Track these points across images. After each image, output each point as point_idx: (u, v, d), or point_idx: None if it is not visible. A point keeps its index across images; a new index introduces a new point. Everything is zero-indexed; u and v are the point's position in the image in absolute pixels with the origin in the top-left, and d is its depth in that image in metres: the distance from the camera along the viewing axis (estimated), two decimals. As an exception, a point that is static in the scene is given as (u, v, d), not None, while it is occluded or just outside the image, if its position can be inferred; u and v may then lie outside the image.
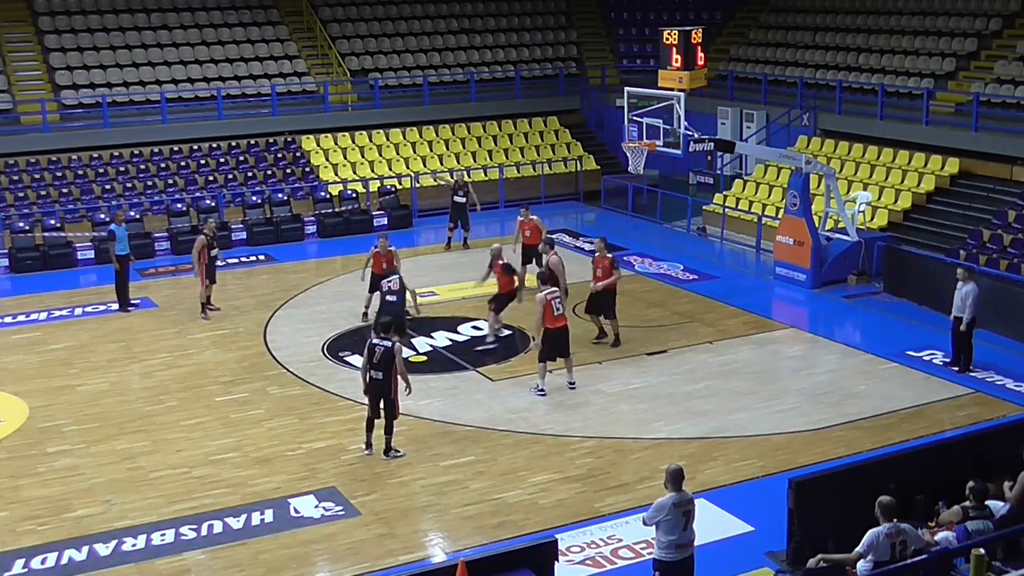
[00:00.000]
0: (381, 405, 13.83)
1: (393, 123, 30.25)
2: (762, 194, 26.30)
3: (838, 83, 27.52)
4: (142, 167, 27.38)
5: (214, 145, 28.36)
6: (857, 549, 9.75)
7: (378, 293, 18.30)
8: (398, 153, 29.73)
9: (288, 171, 28.20)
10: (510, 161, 30.20)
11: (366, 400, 14.04)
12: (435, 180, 28.21)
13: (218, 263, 20.72)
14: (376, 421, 13.96)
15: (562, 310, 15.94)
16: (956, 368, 16.83)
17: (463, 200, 24.82)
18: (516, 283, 18.63)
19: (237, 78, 29.76)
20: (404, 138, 30.09)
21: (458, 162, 29.67)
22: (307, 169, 28.44)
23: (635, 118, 21.97)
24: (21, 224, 24.48)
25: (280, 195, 26.86)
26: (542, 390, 15.97)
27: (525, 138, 31.23)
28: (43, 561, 11.68)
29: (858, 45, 29.14)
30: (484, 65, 32.61)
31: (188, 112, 28.63)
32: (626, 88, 22.94)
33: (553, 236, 20.73)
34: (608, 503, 12.76)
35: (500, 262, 18.52)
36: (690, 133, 21.58)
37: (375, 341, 13.79)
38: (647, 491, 12.98)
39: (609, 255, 18.18)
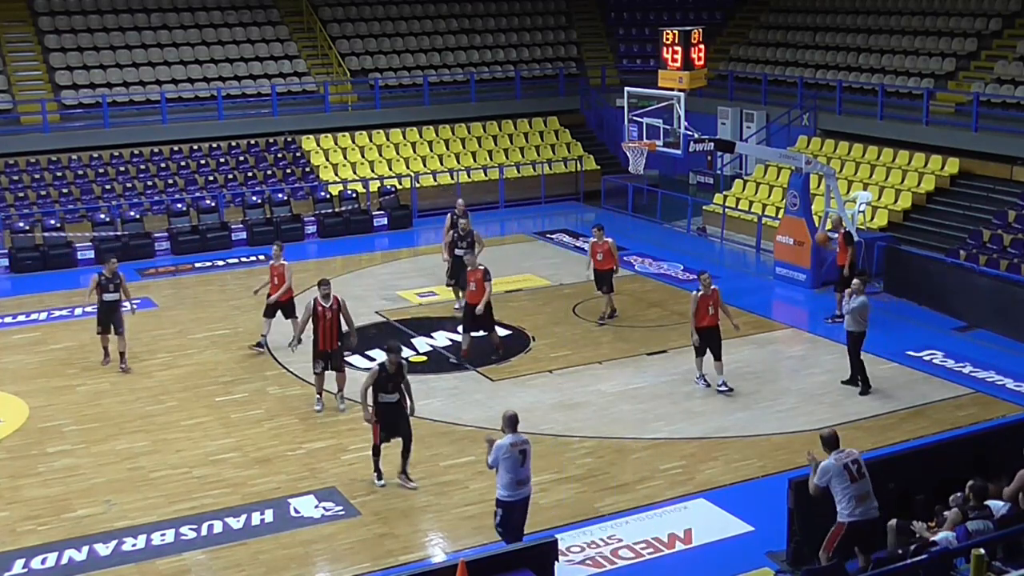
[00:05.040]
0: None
1: (393, 123, 30.23)
2: (762, 194, 26.30)
3: (838, 83, 27.52)
4: (142, 167, 27.38)
5: (214, 145, 28.36)
6: (815, 482, 10.28)
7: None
8: (398, 153, 29.73)
9: (288, 171, 28.20)
10: (510, 161, 30.19)
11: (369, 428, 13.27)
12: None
13: (125, 307, 17.68)
14: (388, 445, 13.22)
15: (713, 311, 16.06)
16: (846, 383, 16.24)
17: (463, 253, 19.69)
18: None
19: (237, 78, 29.75)
20: (404, 138, 30.09)
21: (458, 162, 29.66)
22: (307, 169, 28.43)
23: (635, 118, 21.98)
24: (21, 224, 24.48)
25: (280, 195, 26.86)
26: (697, 379, 16.34)
27: (525, 138, 31.23)
28: (43, 561, 11.68)
29: (858, 45, 29.14)
30: (484, 65, 32.60)
31: (188, 112, 28.62)
32: (626, 88, 22.96)
33: (553, 236, 20.72)
34: (608, 503, 12.76)
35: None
36: (690, 133, 21.58)
37: (385, 362, 12.95)
38: (647, 491, 13.01)
39: (608, 239, 19.37)
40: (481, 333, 17.75)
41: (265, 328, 18.02)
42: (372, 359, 17.05)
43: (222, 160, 28.10)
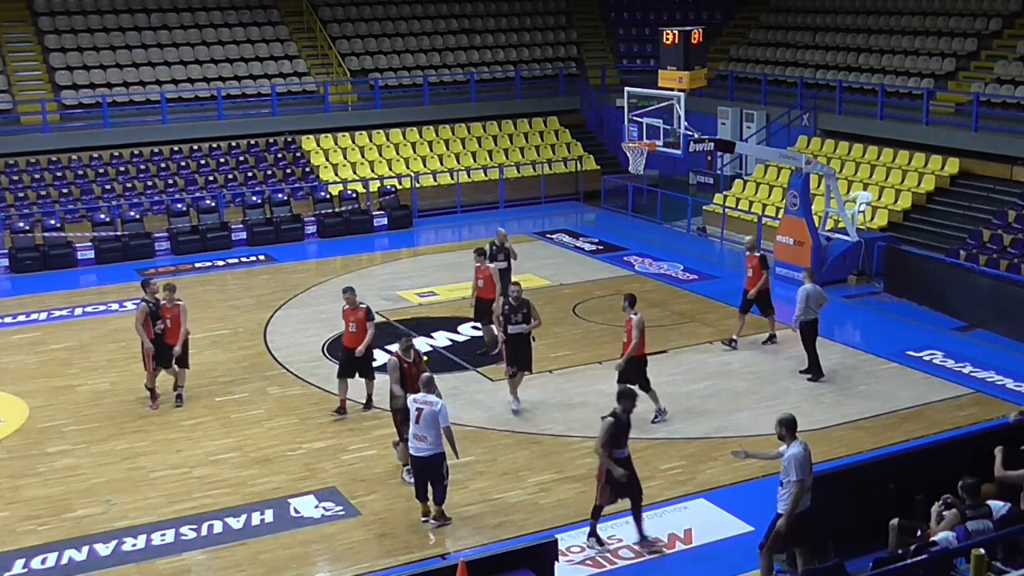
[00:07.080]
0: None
1: (393, 123, 30.26)
2: (762, 194, 26.30)
3: (838, 83, 27.52)
4: (142, 167, 27.38)
5: (214, 145, 28.36)
6: (798, 477, 10.10)
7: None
8: (398, 153, 29.73)
9: (288, 171, 28.20)
10: (510, 161, 30.19)
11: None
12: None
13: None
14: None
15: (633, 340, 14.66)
16: (808, 376, 16.53)
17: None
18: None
19: (237, 78, 29.76)
20: (404, 138, 30.09)
21: (458, 162, 29.67)
22: (307, 169, 28.44)
23: (635, 118, 21.97)
24: (21, 224, 24.49)
25: (280, 195, 26.86)
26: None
27: (525, 138, 31.23)
28: (43, 561, 11.68)
29: (858, 45, 29.14)
30: (484, 65, 32.61)
31: (188, 112, 28.64)
32: (626, 88, 22.96)
33: (553, 236, 20.65)
34: (608, 503, 12.74)
35: None
36: (690, 133, 21.56)
37: (618, 410, 11.82)
38: (647, 491, 12.95)
39: (491, 265, 17.52)
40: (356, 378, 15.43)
41: (181, 379, 15.97)
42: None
43: (222, 160, 28.10)
